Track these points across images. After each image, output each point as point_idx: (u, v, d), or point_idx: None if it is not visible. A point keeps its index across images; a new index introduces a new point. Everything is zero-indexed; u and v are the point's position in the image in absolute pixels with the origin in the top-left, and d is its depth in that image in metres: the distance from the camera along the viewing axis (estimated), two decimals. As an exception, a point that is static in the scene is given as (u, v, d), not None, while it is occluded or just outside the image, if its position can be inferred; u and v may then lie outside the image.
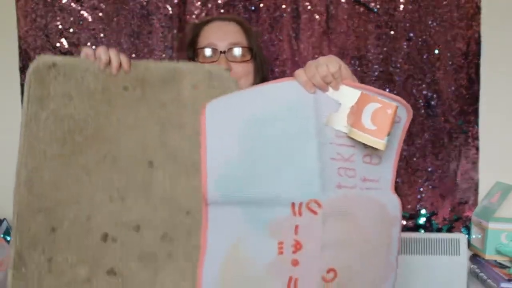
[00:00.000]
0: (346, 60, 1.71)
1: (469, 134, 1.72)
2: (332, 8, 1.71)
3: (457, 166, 1.72)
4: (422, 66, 1.71)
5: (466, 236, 1.61)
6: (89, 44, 1.69)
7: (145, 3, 1.70)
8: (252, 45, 1.13)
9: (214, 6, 1.71)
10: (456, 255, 1.58)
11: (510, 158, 1.70)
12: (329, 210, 0.84)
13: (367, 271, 0.87)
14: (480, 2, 1.69)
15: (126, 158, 0.90)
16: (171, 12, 1.70)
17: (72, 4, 1.69)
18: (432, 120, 1.72)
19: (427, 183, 1.73)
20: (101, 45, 0.94)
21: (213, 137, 0.85)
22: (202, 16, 1.69)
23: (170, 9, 1.70)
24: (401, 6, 1.70)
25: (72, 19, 1.69)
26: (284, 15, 1.71)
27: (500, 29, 1.70)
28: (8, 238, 1.47)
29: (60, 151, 0.89)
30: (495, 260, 1.55)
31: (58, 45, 1.69)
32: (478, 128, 1.71)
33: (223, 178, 0.85)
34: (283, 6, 1.71)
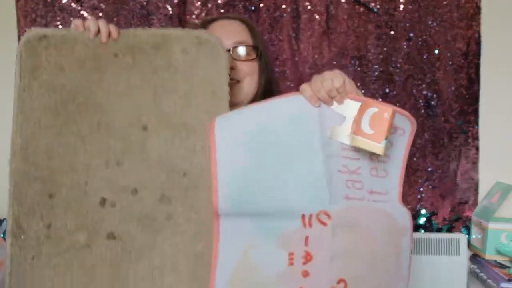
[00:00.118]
0: (346, 60, 1.71)
1: (469, 134, 1.72)
2: (332, 8, 1.71)
3: (457, 166, 1.72)
4: (422, 66, 1.71)
5: (466, 236, 1.61)
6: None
7: (145, 3, 1.70)
8: (257, 44, 1.13)
9: (214, 6, 1.71)
10: (456, 255, 1.58)
11: (510, 158, 1.70)
12: (338, 221, 0.84)
13: (376, 281, 0.88)
14: (480, 2, 1.69)
15: (120, 124, 0.91)
16: (171, 12, 1.70)
17: (72, 4, 1.69)
18: (432, 120, 1.72)
19: (427, 183, 1.73)
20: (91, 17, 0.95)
21: (223, 151, 0.86)
22: (202, 16, 1.69)
23: (170, 9, 1.70)
24: (401, 6, 1.70)
25: (72, 19, 1.67)
26: (284, 15, 1.71)
27: (500, 29, 1.70)
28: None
29: (54, 120, 0.89)
30: (495, 260, 1.55)
31: (58, 45, 1.69)
32: (478, 128, 1.71)
33: (234, 191, 0.85)
34: (283, 6, 1.71)
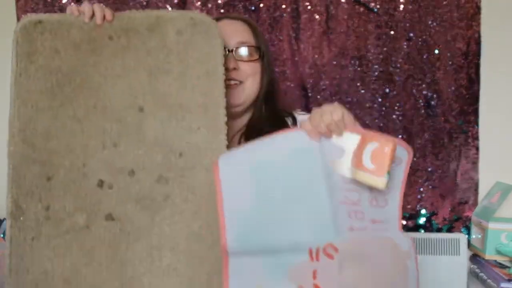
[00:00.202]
0: (346, 60, 1.72)
1: (469, 134, 1.72)
2: (332, 8, 1.71)
3: (457, 166, 1.72)
4: (422, 66, 1.71)
5: (466, 236, 1.61)
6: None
7: (145, 3, 1.70)
8: (260, 44, 1.12)
9: (214, 6, 1.71)
10: (456, 255, 1.58)
11: (510, 158, 1.70)
12: (344, 254, 0.85)
13: None
14: (480, 2, 1.69)
15: (116, 106, 0.91)
16: (171, 12, 1.70)
17: (72, 4, 1.69)
18: (432, 120, 1.72)
19: (427, 183, 1.73)
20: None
21: (228, 190, 0.87)
22: (202, 16, 1.69)
23: (170, 9, 1.70)
24: (401, 6, 1.70)
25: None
26: (284, 15, 1.71)
27: (500, 29, 1.70)
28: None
29: (51, 103, 0.90)
30: (495, 260, 1.54)
31: (58, 45, 1.69)
32: (478, 128, 1.71)
33: (241, 230, 0.86)
34: (283, 6, 1.71)
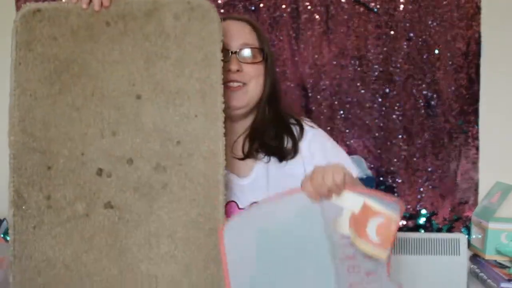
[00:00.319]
0: (346, 60, 1.71)
1: (469, 134, 1.72)
2: (332, 8, 1.71)
3: (457, 166, 1.72)
4: (422, 66, 1.71)
5: (466, 236, 1.61)
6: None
7: (145, 3, 1.70)
8: (263, 46, 1.11)
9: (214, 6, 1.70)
10: (456, 255, 1.58)
11: (510, 158, 1.70)
12: None
13: None
14: (480, 2, 1.69)
15: (114, 93, 0.91)
16: (171, 12, 1.70)
17: (72, 4, 1.69)
18: (432, 120, 1.72)
19: (427, 183, 1.73)
20: None
21: (232, 257, 0.89)
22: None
23: None
24: (401, 6, 1.70)
25: None
26: (284, 15, 1.71)
27: (500, 29, 1.70)
28: (8, 238, 1.46)
29: (49, 90, 0.91)
30: (495, 260, 1.54)
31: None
32: (478, 128, 1.71)
33: None
34: (283, 6, 1.71)
